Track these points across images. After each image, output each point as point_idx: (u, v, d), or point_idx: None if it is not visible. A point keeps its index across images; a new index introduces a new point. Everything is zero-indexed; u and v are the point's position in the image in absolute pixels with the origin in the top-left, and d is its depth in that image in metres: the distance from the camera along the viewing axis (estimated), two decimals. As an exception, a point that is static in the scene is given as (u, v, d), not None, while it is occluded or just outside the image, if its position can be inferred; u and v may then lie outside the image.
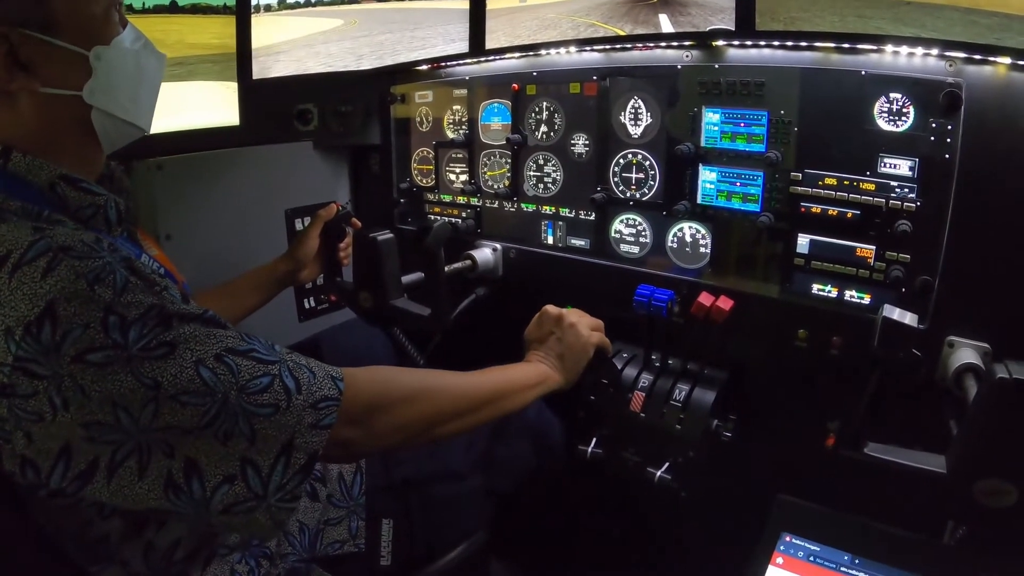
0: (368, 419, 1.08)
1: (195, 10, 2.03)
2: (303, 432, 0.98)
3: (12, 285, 0.85)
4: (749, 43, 1.63)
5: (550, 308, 1.58)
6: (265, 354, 0.99)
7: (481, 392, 1.29)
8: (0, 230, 0.89)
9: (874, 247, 1.52)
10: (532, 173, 2.05)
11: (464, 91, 2.15)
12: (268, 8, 2.24)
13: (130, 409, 0.87)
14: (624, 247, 1.91)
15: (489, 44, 1.99)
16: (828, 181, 1.54)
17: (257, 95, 2.17)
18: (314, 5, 2.25)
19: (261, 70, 2.22)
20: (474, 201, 2.20)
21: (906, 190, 1.46)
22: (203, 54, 2.09)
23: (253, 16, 2.20)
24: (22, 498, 0.97)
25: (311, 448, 0.98)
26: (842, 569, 1.14)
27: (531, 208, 2.07)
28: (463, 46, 2.04)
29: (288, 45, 2.25)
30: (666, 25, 1.69)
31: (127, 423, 0.87)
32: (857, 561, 1.14)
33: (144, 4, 1.91)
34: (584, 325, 1.54)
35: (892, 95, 1.46)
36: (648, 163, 1.82)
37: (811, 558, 1.16)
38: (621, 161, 1.87)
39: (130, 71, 1.09)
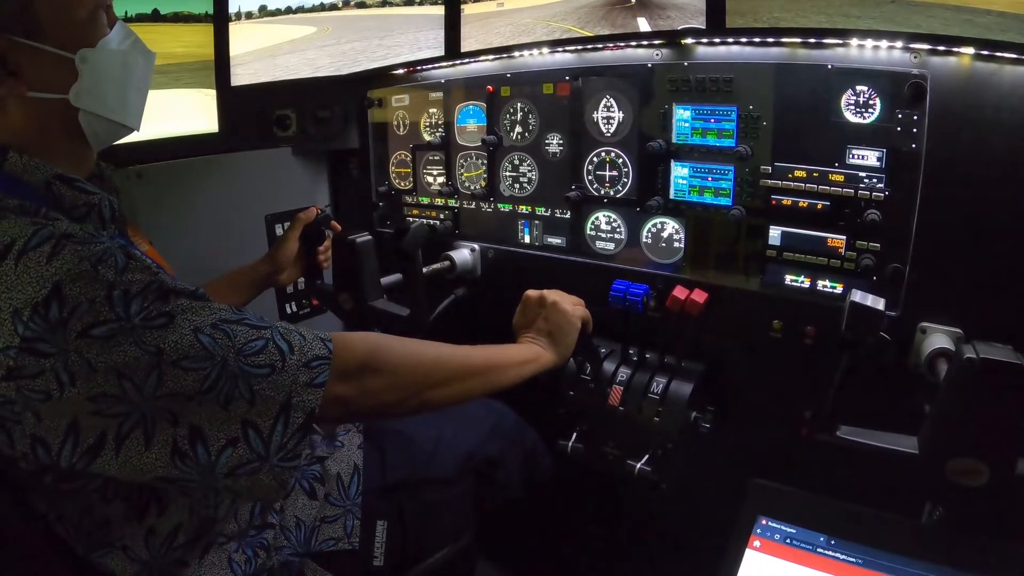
0: (361, 377, 1.11)
1: (177, 18, 2.05)
2: (299, 391, 1.01)
3: (18, 270, 0.89)
4: (718, 40, 1.65)
5: (531, 292, 1.59)
6: (256, 322, 1.03)
7: (471, 362, 1.31)
8: (1, 226, 0.92)
9: (845, 237, 1.54)
10: (508, 173, 2.06)
11: (440, 94, 2.17)
12: (249, 15, 2.25)
13: (135, 378, 0.90)
14: (600, 244, 1.92)
15: (463, 49, 2.00)
16: (798, 173, 1.56)
17: (236, 101, 2.17)
18: (294, 12, 2.26)
19: (237, 79, 2.23)
20: (451, 202, 2.21)
21: (874, 180, 1.48)
22: (182, 62, 2.09)
23: (233, 24, 2.22)
24: (24, 486, 0.99)
25: (308, 406, 1.02)
26: (819, 550, 1.15)
27: (508, 208, 2.09)
28: (437, 53, 2.05)
29: (261, 54, 2.25)
30: (645, 28, 1.69)
31: (132, 393, 0.90)
32: (833, 542, 1.15)
33: (127, 13, 1.93)
34: (567, 302, 1.56)
35: (858, 87, 1.48)
36: (621, 161, 1.84)
37: (788, 540, 1.17)
38: (595, 159, 1.88)
39: (116, 72, 1.10)
